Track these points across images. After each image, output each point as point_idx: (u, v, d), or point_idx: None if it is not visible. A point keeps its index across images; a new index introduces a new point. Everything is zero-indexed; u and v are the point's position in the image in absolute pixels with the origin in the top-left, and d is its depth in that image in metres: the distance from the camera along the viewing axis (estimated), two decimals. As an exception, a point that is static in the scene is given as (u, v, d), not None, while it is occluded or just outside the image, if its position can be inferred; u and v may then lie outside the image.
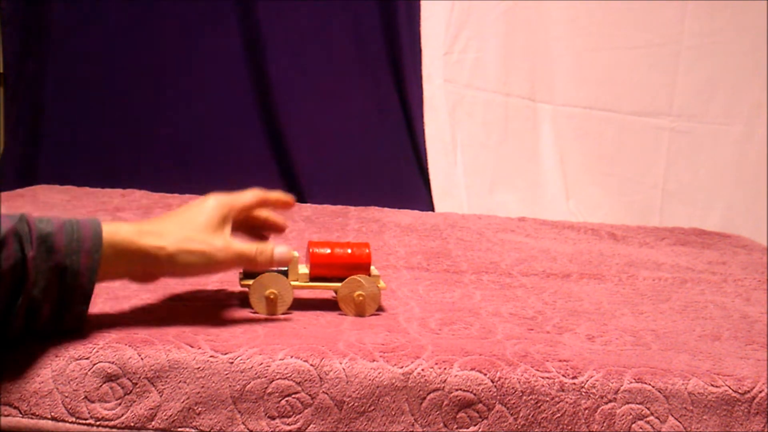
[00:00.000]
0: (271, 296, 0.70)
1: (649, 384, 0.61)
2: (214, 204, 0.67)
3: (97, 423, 0.60)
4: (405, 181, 1.66)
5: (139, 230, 0.62)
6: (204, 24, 1.62)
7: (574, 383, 0.61)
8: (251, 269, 0.70)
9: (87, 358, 0.61)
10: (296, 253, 0.72)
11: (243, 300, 0.75)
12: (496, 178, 1.69)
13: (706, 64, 1.68)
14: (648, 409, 0.61)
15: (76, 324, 0.62)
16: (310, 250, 0.73)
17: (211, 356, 0.61)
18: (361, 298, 0.72)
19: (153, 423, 0.60)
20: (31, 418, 0.60)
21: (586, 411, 0.61)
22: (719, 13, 1.67)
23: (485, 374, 0.61)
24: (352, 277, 0.73)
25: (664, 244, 1.29)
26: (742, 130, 1.71)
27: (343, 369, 0.61)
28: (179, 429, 0.60)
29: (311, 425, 0.60)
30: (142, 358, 0.61)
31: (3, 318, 0.56)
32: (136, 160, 1.63)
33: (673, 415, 0.61)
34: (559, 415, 0.61)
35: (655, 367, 0.64)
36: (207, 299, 0.77)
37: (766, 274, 1.06)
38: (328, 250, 0.73)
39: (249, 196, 0.71)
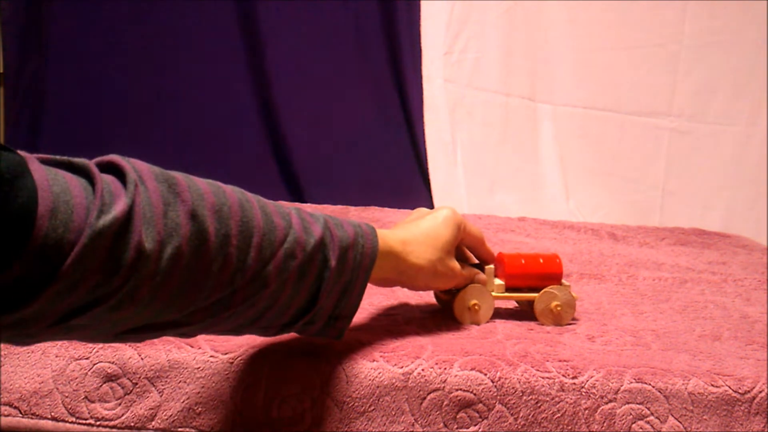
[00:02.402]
0: (476, 307, 0.73)
1: (649, 384, 0.61)
2: (455, 228, 0.69)
3: (98, 423, 0.60)
4: (405, 181, 1.66)
5: (403, 242, 0.64)
6: (204, 24, 1.62)
7: (574, 383, 0.61)
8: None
9: (87, 358, 0.61)
10: (491, 266, 0.76)
11: None
12: (496, 178, 1.69)
13: (706, 64, 1.68)
14: (648, 409, 0.61)
15: (336, 336, 0.62)
16: (506, 262, 0.76)
17: (211, 356, 0.61)
18: (558, 308, 0.74)
19: (153, 423, 0.60)
20: (31, 418, 0.60)
21: (586, 411, 0.61)
22: (719, 13, 1.67)
23: (485, 374, 0.61)
24: (549, 287, 0.75)
25: (664, 244, 1.28)
26: (742, 130, 1.71)
27: (343, 369, 0.61)
28: (179, 429, 0.60)
29: (311, 425, 0.60)
30: (142, 358, 0.61)
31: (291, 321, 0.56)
32: (136, 160, 1.62)
33: (673, 415, 0.61)
34: (559, 415, 0.61)
35: (655, 367, 0.64)
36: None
37: (766, 274, 1.06)
38: (523, 261, 0.76)
39: (476, 232, 0.74)
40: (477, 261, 0.77)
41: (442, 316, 0.76)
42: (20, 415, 0.60)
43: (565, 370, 0.62)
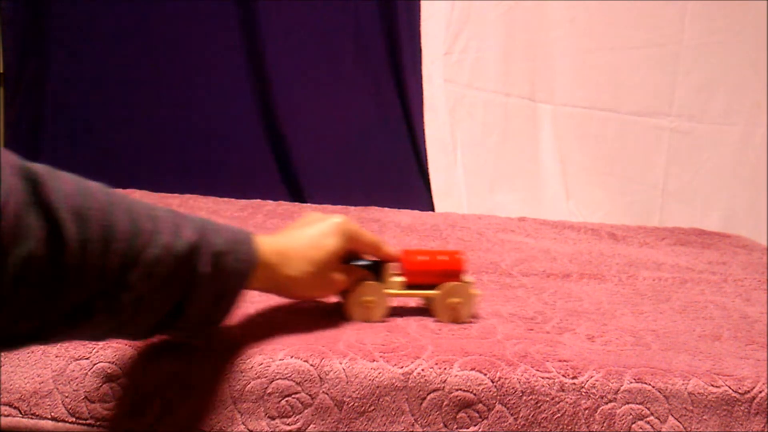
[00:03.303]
0: (367, 304, 0.72)
1: (649, 384, 0.61)
2: (341, 238, 0.68)
3: (98, 423, 0.60)
4: (405, 181, 1.66)
5: (279, 253, 0.63)
6: (204, 24, 1.62)
7: (574, 383, 0.61)
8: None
9: (87, 358, 0.61)
10: (391, 263, 0.74)
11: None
12: (496, 178, 1.69)
13: (706, 64, 1.68)
14: (648, 409, 0.61)
15: (202, 339, 0.61)
16: (404, 259, 0.74)
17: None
18: (457, 305, 0.73)
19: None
20: (31, 418, 0.60)
21: (586, 411, 0.61)
22: (719, 13, 1.66)
23: (485, 374, 0.61)
24: (447, 283, 0.74)
25: (664, 244, 1.28)
26: (742, 130, 1.71)
27: (343, 369, 0.61)
28: (180, 429, 0.60)
29: (311, 425, 0.60)
30: (142, 358, 0.61)
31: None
32: (136, 160, 1.63)
33: (673, 415, 0.61)
34: (559, 415, 0.61)
35: (655, 367, 0.64)
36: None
37: (766, 274, 1.06)
38: (424, 258, 0.75)
39: (370, 240, 0.72)
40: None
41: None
42: (20, 415, 0.60)
43: (565, 370, 0.62)
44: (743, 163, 1.71)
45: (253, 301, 0.74)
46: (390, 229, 1.25)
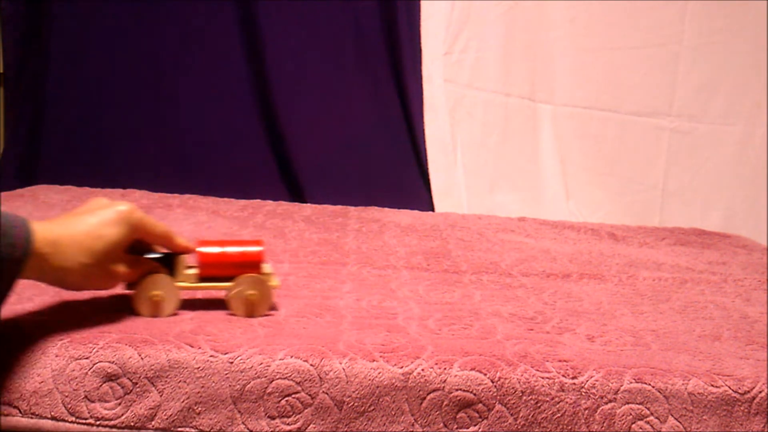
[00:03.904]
0: (156, 298, 0.69)
1: (649, 384, 0.61)
2: (125, 228, 0.65)
3: (97, 423, 0.60)
4: (405, 181, 1.66)
5: (52, 243, 0.60)
6: (204, 24, 1.62)
7: (574, 383, 0.61)
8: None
9: (87, 358, 0.61)
10: (184, 255, 0.71)
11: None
12: (496, 178, 1.69)
13: (706, 64, 1.68)
14: (648, 409, 0.61)
15: None
16: (198, 250, 0.71)
17: (211, 356, 0.61)
18: (252, 297, 0.70)
19: (153, 423, 0.60)
20: (31, 418, 0.60)
21: (586, 411, 0.61)
22: (719, 13, 1.67)
23: (485, 374, 0.61)
24: (243, 276, 0.70)
25: (664, 244, 1.28)
26: (742, 130, 1.71)
27: (343, 369, 0.61)
28: (179, 429, 0.60)
29: (311, 425, 0.60)
30: (142, 358, 0.61)
31: None
32: (136, 160, 1.62)
33: (673, 416, 0.61)
34: (559, 415, 0.61)
35: (655, 367, 0.64)
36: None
37: (766, 274, 1.06)
38: (217, 249, 0.71)
39: (159, 231, 0.69)
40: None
41: (443, 316, 0.76)
42: (20, 414, 0.60)
43: (565, 370, 0.62)
44: (743, 163, 1.71)
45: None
46: (390, 229, 1.25)
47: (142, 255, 0.69)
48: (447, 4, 1.63)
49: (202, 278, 0.71)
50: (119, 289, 0.71)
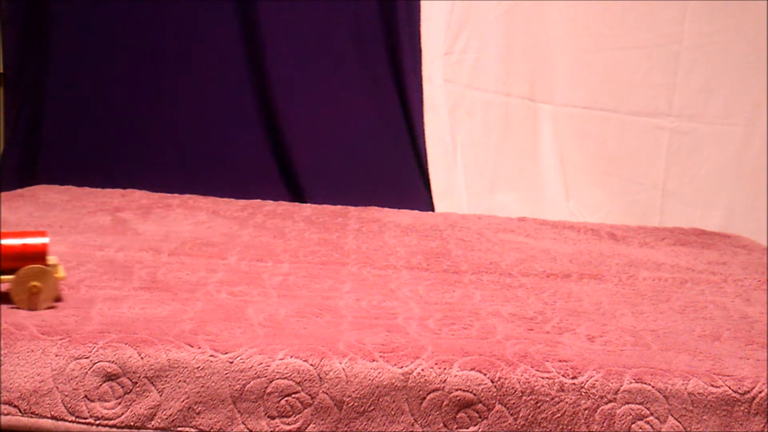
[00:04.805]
0: None
1: (649, 384, 0.61)
2: None
3: (97, 422, 0.60)
4: (405, 181, 1.66)
5: None
6: (204, 24, 1.62)
7: (574, 383, 0.61)
8: None
9: (87, 358, 0.61)
10: None
11: None
12: (496, 178, 1.69)
13: (706, 64, 1.68)
14: (648, 409, 0.61)
15: None
16: None
17: (211, 356, 0.61)
18: (35, 289, 0.69)
19: (153, 422, 0.60)
20: (31, 417, 0.60)
21: (586, 411, 0.61)
22: (719, 13, 1.67)
23: (485, 374, 0.61)
24: (25, 268, 0.69)
25: (664, 244, 1.28)
26: (742, 130, 1.71)
27: (343, 369, 0.61)
28: (179, 428, 0.60)
29: (311, 425, 0.60)
30: (142, 358, 0.61)
31: None
32: (136, 160, 1.62)
33: (673, 416, 0.61)
34: (559, 415, 0.61)
35: (655, 367, 0.64)
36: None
37: (766, 274, 1.06)
38: None
39: None
40: None
41: (443, 316, 0.76)
42: (20, 413, 0.60)
43: (565, 371, 0.62)
44: (743, 163, 1.71)
45: (253, 301, 0.74)
46: (390, 229, 1.25)
47: None
48: (447, 4, 1.63)
49: None
50: None
